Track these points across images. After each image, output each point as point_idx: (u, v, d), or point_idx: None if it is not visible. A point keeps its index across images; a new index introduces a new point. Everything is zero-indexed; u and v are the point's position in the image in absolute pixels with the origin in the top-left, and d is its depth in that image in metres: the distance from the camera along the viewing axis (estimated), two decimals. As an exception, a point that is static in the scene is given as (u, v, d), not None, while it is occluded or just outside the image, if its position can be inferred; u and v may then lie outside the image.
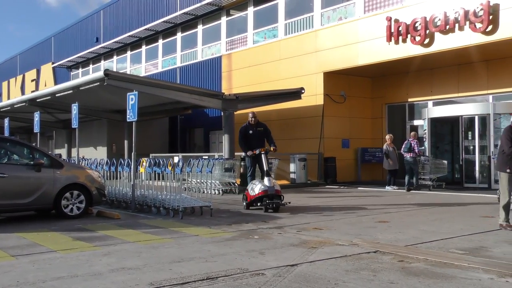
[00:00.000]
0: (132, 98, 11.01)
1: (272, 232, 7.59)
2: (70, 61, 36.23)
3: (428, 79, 18.55)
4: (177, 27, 26.90)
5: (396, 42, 16.22)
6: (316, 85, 18.97)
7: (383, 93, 20.12)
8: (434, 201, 12.10)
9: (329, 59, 18.50)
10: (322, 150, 18.89)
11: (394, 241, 6.79)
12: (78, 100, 13.84)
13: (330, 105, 19.10)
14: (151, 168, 10.47)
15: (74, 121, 13.36)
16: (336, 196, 14.24)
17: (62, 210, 9.40)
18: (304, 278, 4.83)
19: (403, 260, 5.55)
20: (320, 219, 9.13)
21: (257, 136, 11.41)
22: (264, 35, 21.85)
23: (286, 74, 19.96)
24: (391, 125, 20.26)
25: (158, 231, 7.85)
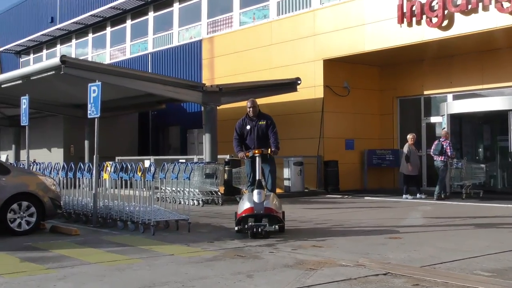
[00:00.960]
0: (95, 90, 10.93)
1: (262, 251, 7.54)
2: (19, 45, 35.97)
3: (447, 68, 18.62)
4: (149, 5, 26.82)
5: (409, 24, 16.27)
6: (314, 75, 18.98)
7: (394, 84, 20.18)
8: (458, 213, 12.14)
9: (330, 45, 18.52)
10: (321, 153, 18.91)
11: (407, 261, 6.78)
12: (29, 92, 13.70)
13: (331, 98, 19.12)
14: (117, 174, 10.40)
15: (24, 117, 13.22)
16: (338, 207, 14.23)
17: (8, 225, 9.28)
18: (300, 306, 4.79)
19: (419, 284, 5.53)
20: (320, 235, 9.10)
21: (258, 133, 10.15)
22: (252, 15, 21.84)
23: (279, 62, 19.95)
24: (404, 123, 20.33)
25: (125, 250, 7.78)
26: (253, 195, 8.98)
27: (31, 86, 16.82)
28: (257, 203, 8.80)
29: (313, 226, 10.27)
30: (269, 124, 10.22)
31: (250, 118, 10.25)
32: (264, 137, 10.11)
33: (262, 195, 8.94)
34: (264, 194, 8.96)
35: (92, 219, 10.71)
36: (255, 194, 8.96)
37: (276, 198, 9.38)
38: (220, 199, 14.90)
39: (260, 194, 8.93)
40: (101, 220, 10.60)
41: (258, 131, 10.12)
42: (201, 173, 14.75)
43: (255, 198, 8.90)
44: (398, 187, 19.69)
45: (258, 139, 10.06)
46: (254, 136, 10.11)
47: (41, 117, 23.95)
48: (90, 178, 11.08)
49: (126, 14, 28.31)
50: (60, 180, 11.65)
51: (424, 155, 19.41)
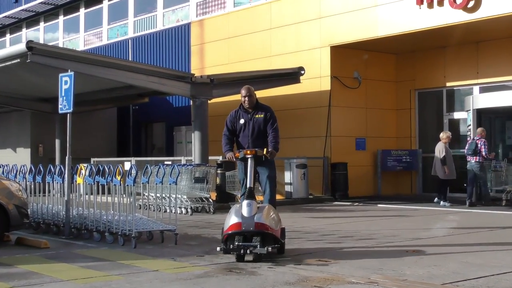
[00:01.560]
0: (66, 81, 10.94)
1: (260, 266, 7.55)
2: (-21, 29, 35.95)
3: (473, 56, 18.65)
4: (129, -17, 26.82)
5: (430, 5, 16.27)
6: (320, 64, 18.99)
7: (412, 75, 20.20)
8: (487, 223, 12.16)
9: (338, 29, 18.53)
10: (328, 154, 18.93)
11: (427, 277, 6.80)
12: (-9, 84, 13.72)
13: (340, 91, 19.14)
14: (93, 178, 10.41)
15: (-15, 112, 13.22)
16: (347, 216, 14.23)
17: (-32, 236, 9.31)
18: (304, 329, 4.82)
19: (440, 304, 5.56)
20: (326, 248, 9.12)
21: (254, 128, 9.27)
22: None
23: (280, 49, 19.96)
24: (423, 119, 20.38)
25: (102, 265, 7.77)
26: (242, 207, 8.00)
27: (-7, 77, 16.83)
28: (246, 218, 7.81)
29: (318, 238, 10.26)
30: (268, 117, 9.28)
31: (245, 109, 9.39)
32: (261, 134, 9.23)
33: (253, 207, 7.95)
34: (255, 206, 7.99)
35: (64, 230, 10.71)
36: (244, 206, 7.97)
37: (273, 211, 8.42)
38: (211, 206, 14.88)
39: (251, 206, 7.94)
40: (74, 231, 10.60)
41: (254, 127, 9.25)
42: (190, 177, 14.76)
43: (244, 211, 7.90)
44: (416, 193, 19.77)
45: (253, 137, 9.23)
46: (249, 133, 9.26)
47: (5, 113, 23.98)
48: (62, 182, 11.08)
49: (103, -7, 28.30)
50: (27, 184, 11.66)
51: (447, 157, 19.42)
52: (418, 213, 14.39)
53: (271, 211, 8.31)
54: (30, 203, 10.94)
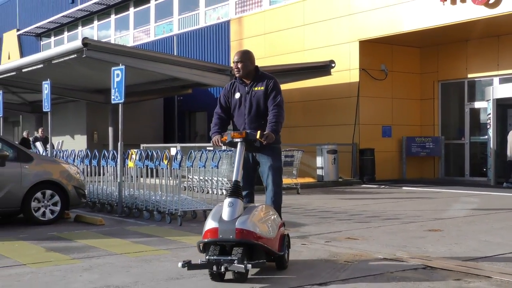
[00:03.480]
0: (118, 74, 11.06)
1: (294, 243, 7.54)
2: (39, 27, 36.44)
3: (494, 49, 18.33)
4: (174, -16, 26.91)
5: (453, 2, 16.02)
6: (350, 57, 18.88)
7: (436, 67, 19.96)
8: (505, 205, 11.99)
9: (367, 24, 18.37)
10: (357, 140, 18.84)
11: (448, 254, 6.76)
12: (51, 77, 13.91)
13: (368, 82, 19.01)
14: (142, 162, 10.53)
15: (46, 103, 13.43)
16: (374, 197, 14.18)
17: (32, 214, 9.51)
18: (334, 300, 4.84)
19: (460, 279, 5.53)
20: (355, 226, 9.10)
21: (251, 105, 6.72)
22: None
23: (312, 43, 19.88)
24: (445, 108, 20.15)
25: (152, 241, 7.87)
26: (223, 207, 5.68)
27: (53, 70, 17.07)
28: (225, 222, 5.50)
29: (347, 217, 10.24)
30: (269, 89, 6.65)
31: (242, 81, 6.84)
32: (261, 113, 6.65)
33: (237, 208, 5.61)
34: (240, 207, 5.65)
35: (117, 209, 10.90)
36: (225, 206, 5.64)
37: (268, 213, 6.03)
38: (249, 188, 14.94)
39: (233, 207, 5.61)
40: (126, 209, 10.78)
41: (252, 102, 6.68)
42: (230, 162, 14.81)
43: (224, 213, 5.59)
44: (439, 177, 19.59)
45: (250, 116, 6.65)
46: (245, 110, 6.69)
47: (63, 103, 24.34)
48: (115, 166, 11.25)
49: (150, -6, 28.45)
50: (84, 168, 11.86)
51: (467, 142, 19.23)
52: (440, 195, 14.25)
53: (264, 213, 5.91)
54: (86, 185, 11.13)
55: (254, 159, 6.62)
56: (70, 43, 16.52)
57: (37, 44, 38.27)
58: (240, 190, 5.78)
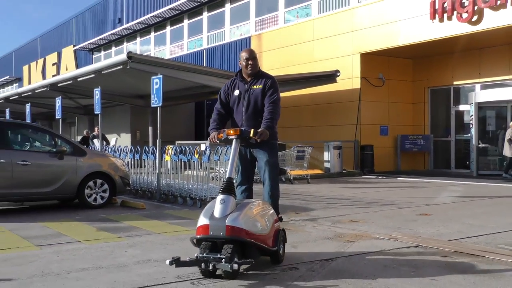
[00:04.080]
0: (157, 82, 11.12)
1: (305, 225, 7.59)
2: (91, 43, 36.78)
3: (476, 60, 18.13)
4: (203, 6, 26.97)
5: (441, 19, 15.89)
6: (352, 67, 18.78)
7: (426, 75, 19.79)
8: (485, 193, 11.88)
9: (367, 39, 18.27)
10: (358, 138, 18.75)
11: (436, 235, 6.72)
12: (101, 85, 14.03)
13: (368, 89, 18.90)
14: (177, 156, 10.59)
15: (97, 106, 13.54)
16: (373, 186, 14.12)
17: (86, 199, 9.62)
18: (339, 273, 4.83)
19: (447, 256, 5.49)
20: (356, 211, 9.08)
21: (249, 102, 6.07)
22: (296, 14, 21.71)
23: (320, 55, 19.81)
24: (434, 111, 19.96)
25: (185, 222, 7.92)
26: (215, 204, 4.87)
27: (102, 80, 17.23)
28: (216, 219, 4.73)
29: (350, 203, 10.22)
30: (267, 88, 5.99)
31: (242, 78, 6.18)
32: (259, 111, 6.01)
33: (229, 204, 4.82)
34: (232, 204, 4.85)
35: (156, 195, 10.97)
36: (217, 203, 4.84)
37: (263, 208, 5.23)
38: (267, 178, 14.94)
39: (225, 203, 4.82)
40: (163, 196, 10.84)
41: (250, 100, 6.03)
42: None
43: (216, 209, 4.80)
44: (429, 169, 19.44)
45: (247, 113, 6.03)
46: (243, 108, 6.06)
47: (111, 107, 24.53)
48: (154, 159, 11.32)
49: (184, 14, 28.54)
50: (128, 161, 11.95)
51: (452, 140, 19.11)
52: (430, 185, 14.15)
53: (258, 209, 5.08)
54: (130, 175, 11.23)
55: (252, 154, 6.03)
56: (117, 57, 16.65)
57: (89, 57, 38.62)
58: (233, 187, 4.94)
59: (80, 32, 39.74)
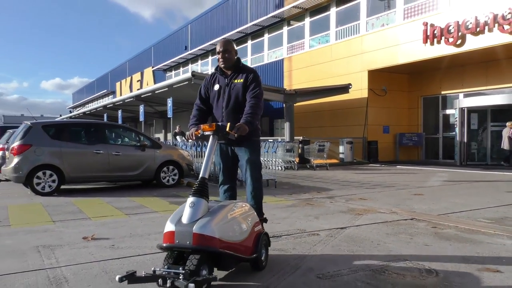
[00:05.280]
0: (213, 93, 11.15)
1: (325, 201, 7.52)
2: (165, 65, 37.35)
3: (459, 74, 17.50)
4: (248, 36, 26.96)
5: (432, 43, 15.41)
6: (361, 81, 18.43)
7: (419, 87, 19.22)
8: (467, 178, 11.48)
9: (373, 59, 17.88)
10: (366, 135, 18.40)
11: (428, 210, 6.53)
12: (172, 96, 14.24)
13: (373, 97, 18.52)
14: (228, 148, 10.60)
15: (169, 112, 13.76)
16: (377, 172, 13.86)
17: (161, 180, 9.78)
18: (351, 238, 4.76)
19: (436, 227, 5.33)
20: (364, 191, 8.92)
21: (229, 97, 4.24)
22: (318, 41, 21.44)
23: (336, 72, 19.52)
24: (426, 114, 19.38)
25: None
26: (185, 208, 3.28)
27: (173, 92, 17.46)
28: (183, 226, 3.17)
29: (359, 185, 10.05)
30: (249, 82, 4.20)
31: (222, 72, 4.33)
32: (239, 106, 4.18)
33: (199, 208, 3.24)
34: (204, 208, 3.27)
35: (212, 178, 11.06)
36: (186, 206, 3.28)
37: (240, 211, 3.54)
38: (296, 166, 14.90)
39: (194, 208, 3.24)
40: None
41: (230, 95, 4.23)
42: (283, 149, 14.81)
43: (184, 214, 3.23)
44: (421, 159, 18.93)
45: (228, 109, 4.22)
46: (223, 103, 4.23)
47: (179, 112, 24.88)
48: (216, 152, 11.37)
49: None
50: (192, 152, 12.09)
51: (440, 137, 18.55)
52: (422, 172, 13.77)
53: (233, 213, 3.43)
54: (194, 163, 11.34)
55: (233, 152, 4.25)
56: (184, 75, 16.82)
57: (163, 75, 39.24)
58: (206, 188, 3.33)
59: (157, 57, 40.38)
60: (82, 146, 9.06)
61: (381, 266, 3.76)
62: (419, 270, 3.64)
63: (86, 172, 8.94)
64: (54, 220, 5.96)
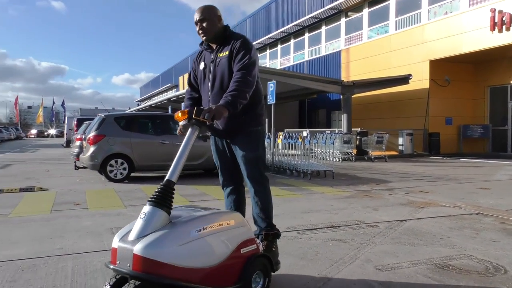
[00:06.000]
0: (271, 86, 11.21)
1: (383, 193, 7.29)
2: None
3: (531, 62, 16.08)
4: (305, 29, 26.61)
5: (500, 30, 14.28)
6: (422, 71, 17.55)
7: (485, 76, 17.94)
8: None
9: (435, 49, 16.92)
10: (427, 127, 17.53)
11: (495, 205, 6.11)
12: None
13: (435, 88, 17.56)
14: (286, 140, 10.63)
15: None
16: (439, 165, 13.18)
17: (221, 170, 9.96)
18: (412, 231, 4.58)
19: (505, 222, 4.97)
20: (425, 184, 8.51)
21: (214, 76, 2.98)
22: (377, 32, 20.68)
23: (396, 63, 18.74)
24: (492, 105, 18.10)
25: (292, 188, 7.94)
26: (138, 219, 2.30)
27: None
28: (127, 243, 2.21)
29: (420, 178, 9.62)
30: (235, 51, 2.90)
31: (208, 46, 3.11)
32: (226, 86, 2.90)
33: (154, 221, 2.24)
34: (158, 220, 2.25)
35: (271, 168, 11.12)
36: (138, 218, 2.29)
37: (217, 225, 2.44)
38: (353, 157, 14.57)
39: (146, 219, 2.24)
40: (276, 168, 10.93)
41: (216, 74, 2.99)
42: (341, 140, 14.54)
43: (134, 228, 2.26)
44: (487, 152, 17.77)
45: (214, 91, 3.00)
46: (209, 84, 3.02)
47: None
48: (269, 142, 11.46)
49: (290, 36, 28.39)
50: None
51: (509, 129, 17.26)
52: (488, 165, 12.89)
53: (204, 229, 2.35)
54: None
55: (230, 147, 3.19)
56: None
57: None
58: (169, 196, 2.39)
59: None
60: (150, 136, 9.47)
61: (444, 260, 3.58)
62: (485, 267, 3.43)
63: (153, 161, 9.33)
64: (126, 204, 6.30)
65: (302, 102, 26.99)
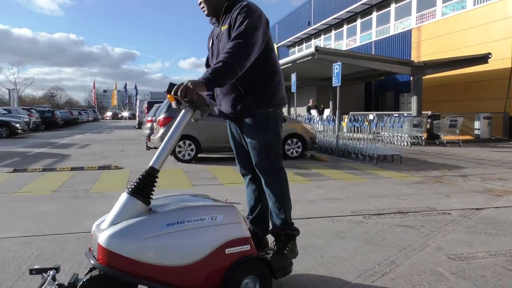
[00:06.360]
0: (337, 67, 10.91)
1: (457, 179, 6.86)
2: (288, 41, 37.54)
3: None
4: (373, 7, 25.45)
5: None
6: (503, 50, 16.07)
7: None
8: None
9: (520, 24, 15.40)
10: (508, 110, 16.13)
11: None
12: (295, 71, 14.29)
13: (518, 67, 16.05)
14: (351, 123, 10.36)
15: (293, 86, 13.87)
16: (520, 151, 12.13)
17: (285, 152, 10.00)
18: (489, 220, 4.27)
19: None
20: (504, 171, 7.87)
21: (218, 53, 2.57)
22: (452, 8, 19.22)
23: (473, 41, 17.35)
24: None
25: (357, 172, 7.76)
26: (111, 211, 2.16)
27: (296, 67, 17.51)
28: (98, 230, 2.12)
29: (499, 164, 8.89)
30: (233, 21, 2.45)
31: (216, 20, 2.67)
32: None
33: (123, 210, 2.11)
34: (129, 209, 2.11)
35: (335, 152, 10.92)
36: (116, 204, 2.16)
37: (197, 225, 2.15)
38: (423, 142, 13.85)
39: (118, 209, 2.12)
40: (341, 152, 10.73)
41: (219, 50, 2.56)
42: (410, 124, 13.87)
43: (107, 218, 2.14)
44: None
45: None
46: (213, 62, 2.52)
47: (302, 87, 24.92)
48: (334, 125, 11.24)
49: (357, 15, 27.33)
50: (315, 126, 12.06)
51: None
52: None
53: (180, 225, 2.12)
54: (317, 136, 11.32)
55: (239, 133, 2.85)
56: (307, 50, 16.68)
57: (287, 51, 39.53)
58: (149, 185, 2.22)
59: (281, 33, 40.71)
60: (215, 119, 9.68)
61: (527, 253, 3.30)
62: None
63: (218, 142, 9.55)
64: (194, 184, 6.54)
65: (369, 84, 26.03)
